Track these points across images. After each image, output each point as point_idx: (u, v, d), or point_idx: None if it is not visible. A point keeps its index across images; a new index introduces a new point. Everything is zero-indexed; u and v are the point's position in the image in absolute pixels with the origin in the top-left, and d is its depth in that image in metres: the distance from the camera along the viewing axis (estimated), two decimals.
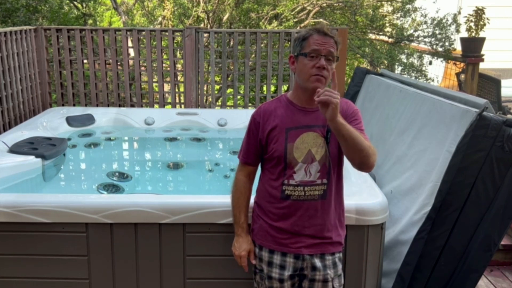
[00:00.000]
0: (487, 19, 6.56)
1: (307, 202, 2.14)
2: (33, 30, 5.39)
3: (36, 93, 5.49)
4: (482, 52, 6.59)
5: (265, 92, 6.07)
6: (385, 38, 8.09)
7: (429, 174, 2.83)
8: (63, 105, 5.64)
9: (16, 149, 3.81)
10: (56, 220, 2.60)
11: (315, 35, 2.07)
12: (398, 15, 7.93)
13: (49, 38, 5.59)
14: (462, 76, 6.66)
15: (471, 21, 6.59)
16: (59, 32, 5.52)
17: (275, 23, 7.48)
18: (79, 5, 8.28)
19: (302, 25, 7.54)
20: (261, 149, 2.21)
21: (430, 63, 7.74)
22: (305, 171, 2.12)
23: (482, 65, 6.62)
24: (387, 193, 3.11)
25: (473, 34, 6.62)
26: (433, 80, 7.72)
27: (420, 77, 7.48)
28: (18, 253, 2.66)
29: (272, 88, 6.65)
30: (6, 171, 3.53)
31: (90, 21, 8.29)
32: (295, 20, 7.47)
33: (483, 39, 6.59)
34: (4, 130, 4.58)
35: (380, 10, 8.16)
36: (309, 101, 2.13)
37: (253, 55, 6.31)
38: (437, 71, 7.77)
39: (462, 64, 6.80)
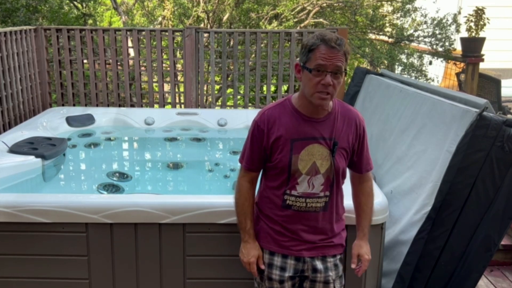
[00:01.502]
0: (487, 19, 6.55)
1: (308, 213, 2.12)
2: (33, 30, 5.39)
3: (36, 93, 5.49)
4: (482, 52, 6.59)
5: (265, 92, 6.07)
6: (385, 38, 8.08)
7: (429, 174, 2.83)
8: (63, 105, 5.64)
9: (16, 149, 3.81)
10: (56, 220, 2.60)
11: (322, 47, 1.93)
12: (398, 15, 7.92)
13: (49, 38, 5.59)
14: (462, 76, 6.65)
15: (471, 21, 6.58)
16: (59, 32, 5.52)
17: (275, 23, 7.47)
18: (79, 5, 8.28)
19: (302, 25, 7.54)
20: (265, 156, 2.14)
21: (430, 63, 7.73)
22: (308, 183, 2.08)
23: (482, 65, 6.62)
24: (387, 193, 3.11)
25: (473, 34, 6.62)
26: (433, 80, 7.72)
27: (420, 77, 7.47)
28: (18, 253, 2.66)
29: (272, 88, 6.65)
30: (6, 171, 3.53)
31: (90, 21, 8.29)
32: (295, 20, 7.46)
33: (483, 39, 6.59)
34: (4, 130, 4.58)
35: (380, 10, 8.15)
36: (315, 111, 2.07)
37: (253, 55, 6.31)
38: (437, 71, 7.76)
39: (462, 64, 6.80)
